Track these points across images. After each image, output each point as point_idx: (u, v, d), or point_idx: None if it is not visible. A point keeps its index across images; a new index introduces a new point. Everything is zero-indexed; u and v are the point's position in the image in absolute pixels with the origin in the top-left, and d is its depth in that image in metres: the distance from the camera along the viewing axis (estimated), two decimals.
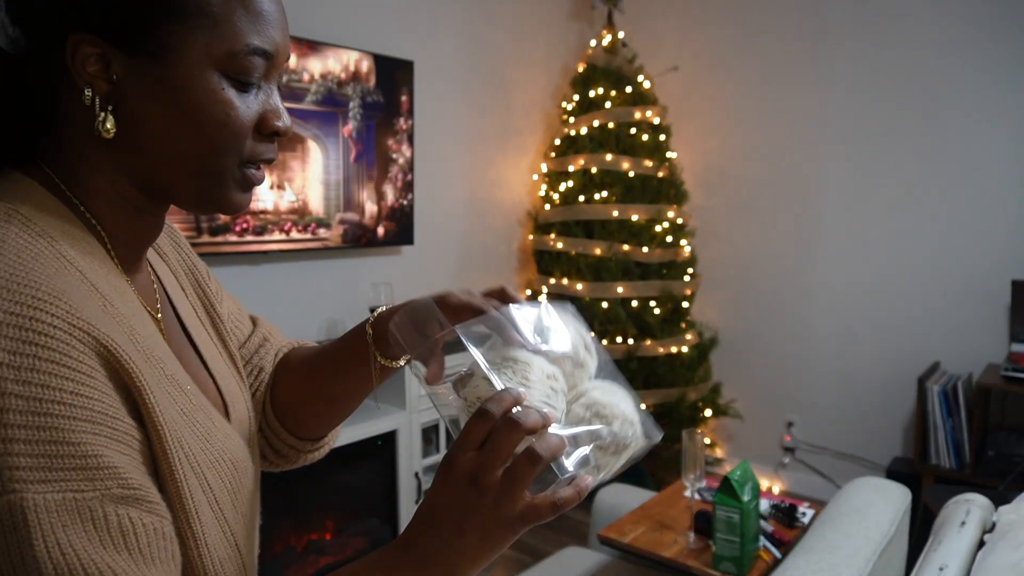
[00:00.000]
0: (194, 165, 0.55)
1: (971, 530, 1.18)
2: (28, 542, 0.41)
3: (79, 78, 0.51)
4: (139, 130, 0.53)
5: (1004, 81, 2.80)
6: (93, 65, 0.51)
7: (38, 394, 0.42)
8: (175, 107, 0.52)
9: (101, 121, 0.52)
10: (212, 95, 0.53)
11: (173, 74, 0.52)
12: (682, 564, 1.52)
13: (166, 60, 0.51)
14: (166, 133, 0.53)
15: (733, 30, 3.49)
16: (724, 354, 3.57)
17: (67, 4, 0.51)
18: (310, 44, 2.48)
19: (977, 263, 2.90)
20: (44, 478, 0.42)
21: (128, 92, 0.52)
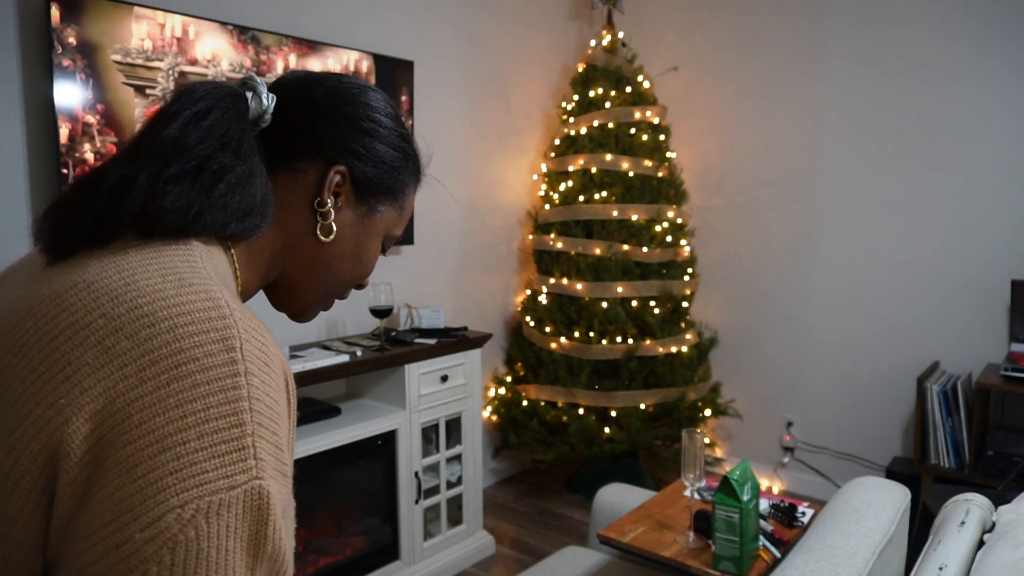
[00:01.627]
0: (329, 284, 0.75)
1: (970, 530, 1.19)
2: (265, 522, 0.49)
3: (325, 191, 0.70)
4: (329, 244, 0.72)
5: (1004, 81, 2.81)
6: (334, 188, 0.71)
7: (273, 407, 0.52)
8: (357, 245, 0.75)
9: (325, 226, 0.71)
10: (374, 250, 0.77)
11: (368, 225, 0.75)
12: (682, 564, 1.52)
13: (371, 215, 0.75)
14: (340, 255, 0.74)
15: (733, 30, 3.49)
16: (724, 354, 3.58)
17: (347, 146, 0.71)
18: (310, 44, 2.48)
19: (977, 263, 2.90)
20: (274, 474, 0.51)
21: (339, 218, 0.72)
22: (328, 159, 0.70)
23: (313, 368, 2.19)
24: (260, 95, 0.68)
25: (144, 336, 0.49)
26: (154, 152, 0.59)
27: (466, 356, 2.69)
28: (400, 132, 0.76)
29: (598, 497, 1.97)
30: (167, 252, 0.56)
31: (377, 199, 0.75)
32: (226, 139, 0.62)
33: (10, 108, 1.92)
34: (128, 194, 0.56)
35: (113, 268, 0.54)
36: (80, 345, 0.50)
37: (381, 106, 0.75)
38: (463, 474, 2.72)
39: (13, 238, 1.95)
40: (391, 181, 0.75)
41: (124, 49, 2.03)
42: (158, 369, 0.48)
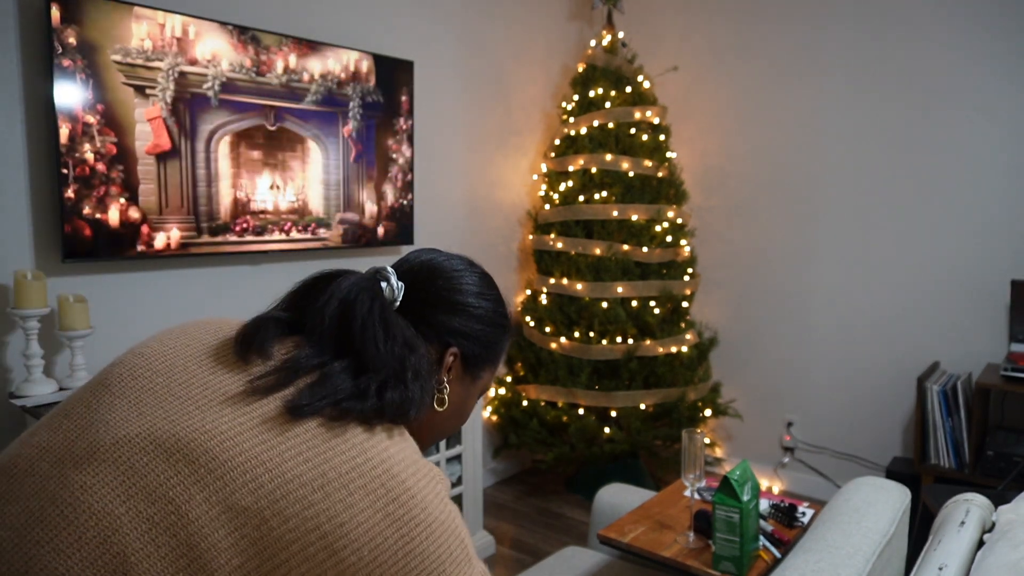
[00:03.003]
0: (439, 435, 0.89)
1: (970, 530, 1.19)
2: None
3: (443, 370, 0.83)
4: (441, 411, 0.85)
5: (1004, 81, 2.81)
6: (450, 366, 0.84)
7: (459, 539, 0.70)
8: (462, 405, 0.89)
9: (440, 399, 0.83)
10: (474, 404, 0.92)
11: (472, 389, 0.89)
12: (682, 564, 1.52)
13: (475, 382, 0.89)
14: (448, 415, 0.86)
15: (733, 30, 3.49)
16: (724, 354, 3.58)
17: (461, 333, 0.84)
18: (310, 44, 2.48)
19: (977, 263, 2.90)
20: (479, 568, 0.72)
21: (450, 387, 0.85)
22: (444, 343, 0.83)
23: None
24: (392, 286, 0.83)
25: (408, 507, 0.67)
26: (383, 365, 0.74)
27: None
28: (499, 311, 0.90)
29: (598, 497, 1.97)
30: (396, 435, 0.72)
31: (481, 368, 0.88)
32: (409, 339, 0.77)
33: (10, 108, 1.92)
34: (383, 400, 0.71)
35: (376, 444, 0.69)
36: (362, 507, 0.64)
37: (487, 291, 0.90)
38: (463, 474, 2.72)
39: (14, 238, 1.95)
40: (492, 353, 0.89)
41: (124, 49, 2.03)
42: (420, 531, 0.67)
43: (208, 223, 2.26)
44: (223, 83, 2.26)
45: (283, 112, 2.42)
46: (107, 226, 2.03)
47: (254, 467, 0.62)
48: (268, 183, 2.41)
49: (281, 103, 2.42)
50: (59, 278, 2.02)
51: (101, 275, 2.12)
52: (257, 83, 2.34)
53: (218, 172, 2.28)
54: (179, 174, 2.18)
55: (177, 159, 2.17)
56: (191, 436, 0.63)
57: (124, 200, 2.06)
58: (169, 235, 2.17)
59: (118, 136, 2.04)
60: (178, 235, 2.19)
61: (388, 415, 0.71)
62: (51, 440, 0.67)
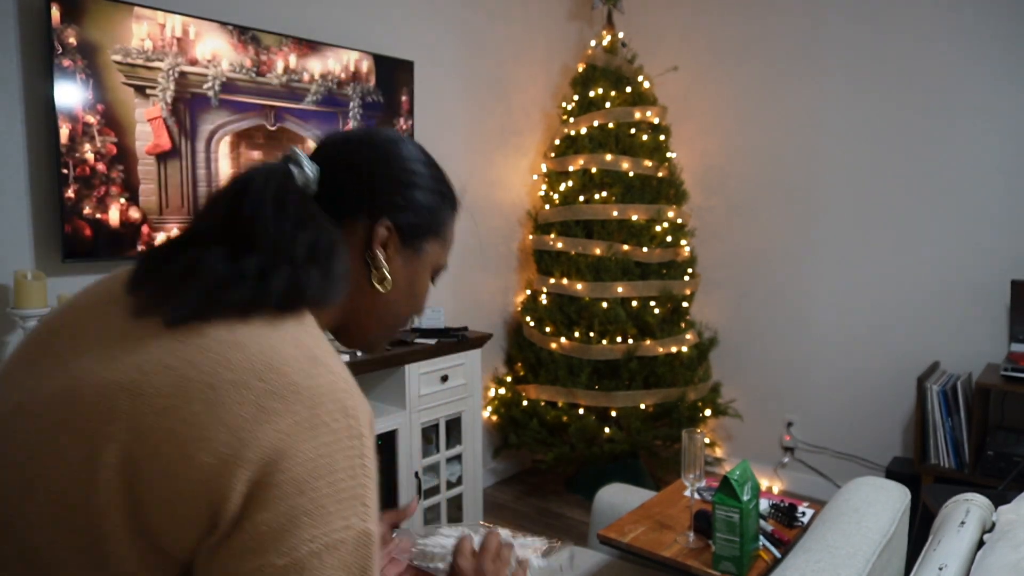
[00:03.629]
0: (393, 322, 0.84)
1: (970, 530, 1.19)
2: (370, 557, 0.60)
3: (376, 245, 0.77)
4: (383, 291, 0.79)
5: (1004, 81, 2.81)
6: (382, 240, 0.78)
7: (373, 458, 0.63)
8: (410, 285, 0.82)
9: (382, 278, 0.78)
10: (426, 285, 0.85)
11: (417, 265, 0.82)
12: (682, 564, 1.52)
13: (418, 256, 0.82)
14: (397, 298, 0.81)
15: (733, 30, 3.49)
16: (724, 354, 3.58)
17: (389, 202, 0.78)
18: (310, 44, 2.48)
19: (977, 263, 2.90)
20: (375, 516, 0.61)
21: (390, 264, 0.79)
22: (372, 215, 0.78)
23: None
24: (305, 168, 0.75)
25: (292, 401, 0.59)
26: (268, 244, 0.67)
27: (466, 356, 2.69)
28: (434, 175, 0.83)
29: (598, 497, 1.97)
30: (290, 324, 0.66)
31: (422, 240, 0.82)
32: (307, 217, 0.71)
33: (10, 108, 1.92)
34: (270, 284, 0.65)
35: (260, 337, 0.63)
36: (240, 402, 0.58)
37: (414, 155, 0.82)
38: (463, 474, 2.72)
39: (14, 238, 1.95)
40: (432, 222, 0.82)
41: (124, 49, 2.03)
42: (300, 429, 0.58)
43: None
44: (223, 83, 2.26)
45: (283, 112, 2.42)
46: (107, 226, 2.03)
47: (114, 394, 0.59)
48: None
49: (281, 103, 2.42)
50: (59, 278, 2.02)
51: (101, 275, 2.11)
52: (257, 83, 2.34)
53: (218, 172, 2.28)
54: (179, 174, 2.18)
55: (177, 159, 2.17)
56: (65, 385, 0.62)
57: (124, 200, 2.06)
58: (169, 235, 2.17)
59: (118, 136, 2.04)
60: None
61: (274, 301, 0.65)
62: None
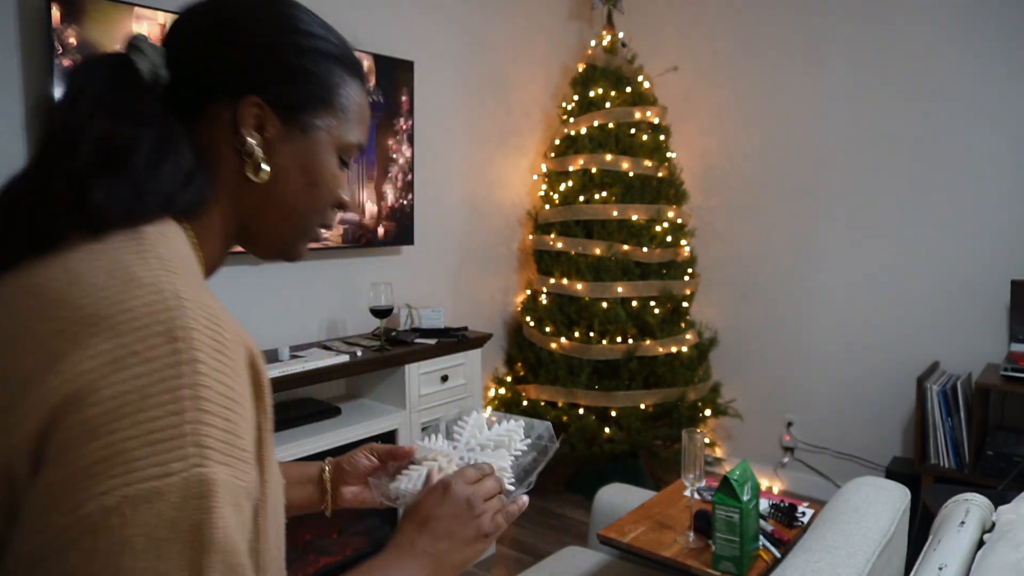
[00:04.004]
0: (298, 218, 0.69)
1: (970, 530, 1.19)
2: (209, 510, 0.47)
3: (244, 130, 0.64)
4: (273, 182, 0.66)
5: (1004, 80, 2.81)
6: (253, 122, 0.64)
7: (225, 392, 0.50)
8: (306, 171, 0.67)
9: (256, 167, 0.64)
10: (331, 168, 0.69)
11: (311, 146, 0.67)
12: (682, 564, 1.52)
13: (309, 135, 0.67)
14: (293, 189, 0.67)
15: (733, 30, 3.49)
16: (724, 354, 3.58)
17: (248, 73, 0.64)
18: None
19: (977, 263, 2.90)
20: (222, 461, 0.49)
21: (273, 150, 0.65)
22: (234, 93, 0.63)
23: (313, 368, 2.19)
24: (145, 52, 0.62)
25: (88, 336, 0.48)
26: (54, 148, 0.56)
27: (466, 356, 2.69)
28: (306, 30, 0.69)
29: (598, 497, 1.97)
30: (115, 246, 0.54)
31: (308, 114, 0.66)
32: (117, 110, 0.58)
33: (11, 108, 1.92)
34: (49, 200, 0.54)
35: (60, 270, 0.52)
36: (24, 352, 0.49)
37: (274, 14, 0.67)
38: None
39: None
40: (316, 89, 0.67)
41: None
42: (98, 366, 0.47)
43: None
44: None
45: None
46: None
47: None
48: None
49: None
50: None
51: None
52: None
53: None
54: None
55: None
56: None
57: None
58: None
59: None
60: None
61: (89, 215, 0.54)
62: None
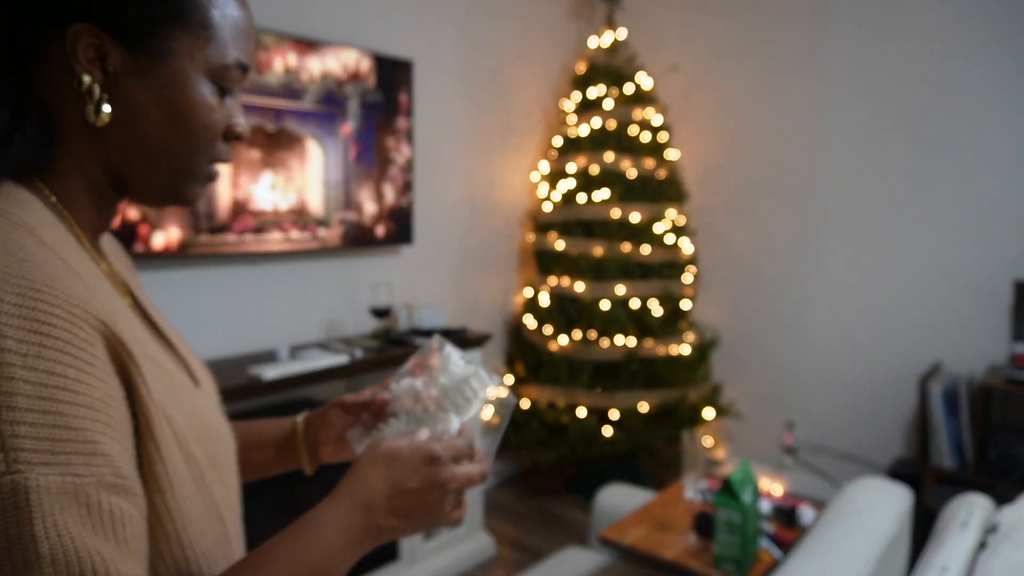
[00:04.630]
0: (172, 160, 0.59)
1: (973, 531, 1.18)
2: (28, 521, 0.42)
3: (77, 66, 0.53)
4: (129, 122, 0.56)
5: (1005, 80, 2.80)
6: (90, 55, 0.54)
7: (44, 380, 0.44)
8: (167, 105, 0.57)
9: (96, 108, 0.54)
10: (201, 98, 0.58)
11: (170, 75, 0.56)
12: (683, 565, 1.51)
13: (165, 62, 0.56)
14: (155, 128, 0.57)
15: (733, 29, 3.48)
16: (724, 354, 3.57)
17: (86, 7, 0.53)
18: (310, 43, 2.47)
19: (979, 263, 2.89)
20: (46, 461, 0.43)
21: (123, 85, 0.55)
22: (62, 23, 0.53)
23: (313, 369, 2.19)
24: None
25: None
26: None
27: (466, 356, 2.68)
28: None
29: (599, 498, 1.97)
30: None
31: (157, 38, 0.55)
32: None
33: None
34: None
35: None
36: None
37: None
38: None
39: None
40: (164, 8, 0.55)
41: None
42: None
43: (207, 223, 2.26)
44: None
45: (282, 112, 2.42)
46: None
47: None
48: (267, 183, 2.40)
49: (280, 103, 2.41)
50: None
51: None
52: (256, 82, 2.34)
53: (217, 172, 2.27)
54: None
55: None
56: None
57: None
58: (168, 235, 2.16)
59: None
60: (177, 235, 2.18)
61: None
62: None
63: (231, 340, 2.40)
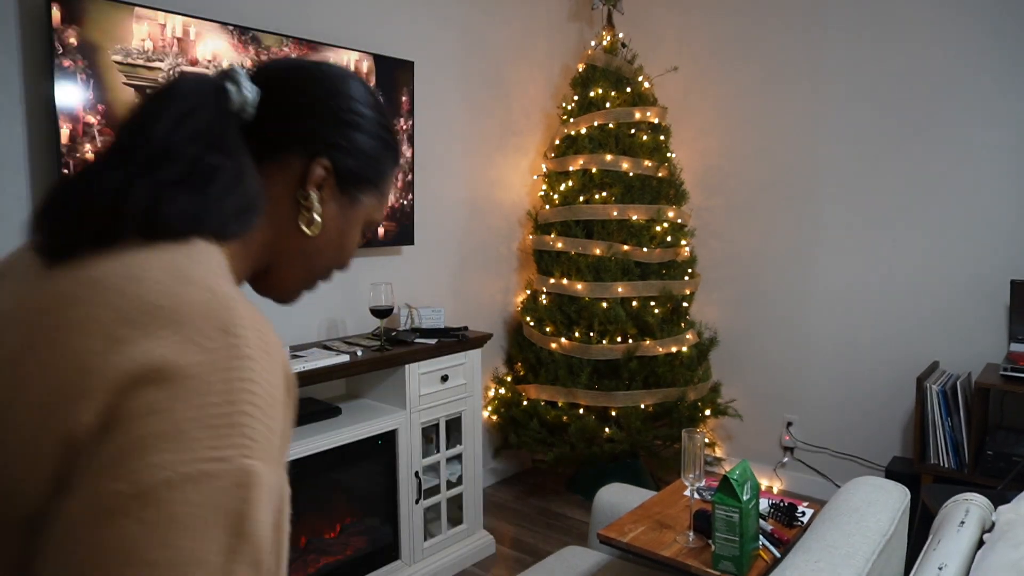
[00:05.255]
0: (315, 270, 0.77)
1: (970, 529, 1.19)
2: (249, 502, 0.48)
3: (309, 183, 0.71)
4: (312, 236, 0.73)
5: (1004, 80, 2.81)
6: (318, 180, 0.72)
7: (270, 391, 0.52)
8: (340, 234, 0.76)
9: (309, 219, 0.72)
10: (356, 236, 0.79)
11: (351, 214, 0.76)
12: (681, 563, 1.52)
13: (354, 205, 0.76)
14: (323, 245, 0.75)
15: (732, 30, 3.49)
16: (724, 354, 3.58)
17: (331, 141, 0.72)
18: (310, 44, 2.48)
19: (976, 263, 2.90)
20: (265, 457, 0.50)
21: (323, 209, 0.73)
22: (311, 152, 0.71)
23: (313, 368, 2.19)
24: (243, 88, 0.68)
25: (149, 324, 0.50)
26: (144, 156, 0.60)
27: (466, 356, 2.69)
28: (380, 121, 0.77)
29: (598, 497, 1.98)
30: (170, 251, 0.57)
31: (359, 189, 0.76)
32: (213, 138, 0.63)
33: (11, 108, 1.92)
34: (126, 202, 0.57)
35: (119, 266, 0.55)
36: (88, 335, 0.50)
37: (362, 96, 0.75)
38: (463, 474, 2.73)
39: (15, 238, 1.95)
40: (373, 172, 0.76)
41: (125, 49, 2.03)
42: (158, 349, 0.49)
43: None
44: None
45: None
46: None
47: None
48: None
49: None
50: None
51: None
52: None
53: None
54: None
55: None
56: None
57: None
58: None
59: None
60: None
61: (135, 225, 0.56)
62: None
63: None
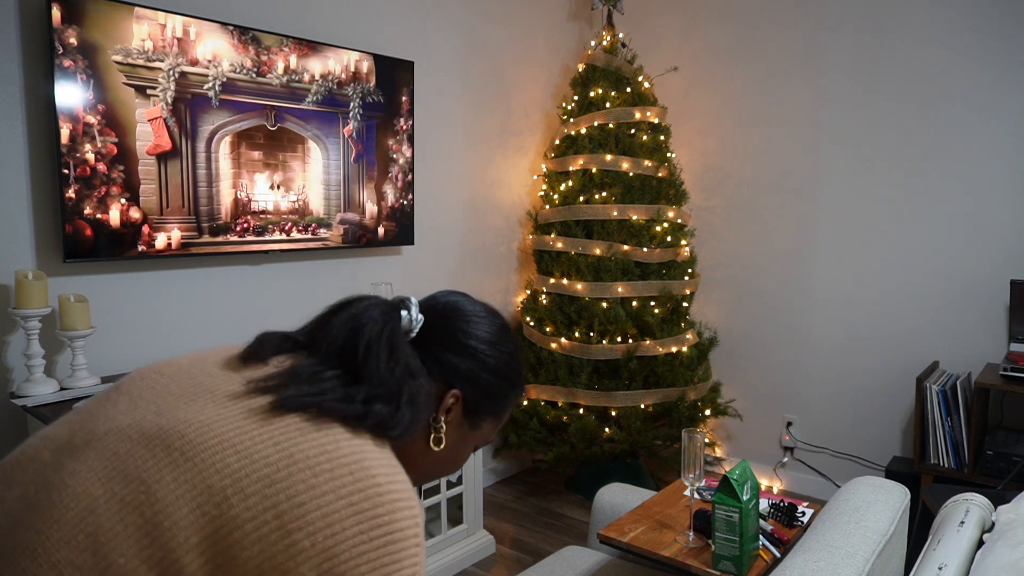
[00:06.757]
0: (427, 475, 0.87)
1: (970, 529, 1.19)
2: None
3: (441, 409, 0.82)
4: (434, 451, 0.84)
5: (1004, 80, 2.81)
6: (447, 407, 0.82)
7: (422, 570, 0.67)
8: (455, 451, 0.87)
9: (436, 439, 0.83)
10: (467, 453, 0.90)
11: (469, 437, 0.87)
12: (681, 563, 1.52)
13: (474, 430, 0.87)
14: (442, 459, 0.86)
15: (732, 30, 3.49)
16: (723, 354, 3.58)
17: (469, 378, 0.83)
18: (310, 44, 2.48)
19: (976, 263, 2.90)
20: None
21: (447, 430, 0.84)
22: (448, 383, 0.82)
23: None
24: (412, 316, 0.82)
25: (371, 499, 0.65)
26: (377, 380, 0.74)
27: None
28: (512, 365, 0.88)
29: (598, 497, 1.98)
30: (375, 445, 0.71)
31: (482, 418, 0.87)
32: (412, 367, 0.78)
33: (11, 109, 1.93)
34: (373, 408, 0.72)
35: (353, 444, 0.68)
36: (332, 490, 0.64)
37: (502, 342, 0.87)
38: (463, 474, 2.73)
39: (15, 238, 1.96)
40: (497, 406, 0.88)
41: (125, 49, 2.03)
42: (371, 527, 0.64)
43: (209, 223, 2.27)
44: (224, 83, 2.26)
45: (284, 112, 2.43)
46: (108, 226, 2.04)
47: (224, 449, 0.64)
48: (269, 183, 2.41)
49: (282, 103, 2.42)
50: (60, 278, 2.02)
51: (102, 275, 2.12)
52: (258, 83, 2.35)
53: (219, 172, 2.28)
54: (180, 174, 2.18)
55: (178, 159, 2.18)
56: (173, 425, 0.66)
57: (125, 200, 2.07)
58: (170, 235, 2.17)
59: (119, 136, 2.04)
60: (179, 235, 2.19)
61: (370, 423, 0.71)
62: (57, 432, 0.71)
63: (232, 340, 2.40)
